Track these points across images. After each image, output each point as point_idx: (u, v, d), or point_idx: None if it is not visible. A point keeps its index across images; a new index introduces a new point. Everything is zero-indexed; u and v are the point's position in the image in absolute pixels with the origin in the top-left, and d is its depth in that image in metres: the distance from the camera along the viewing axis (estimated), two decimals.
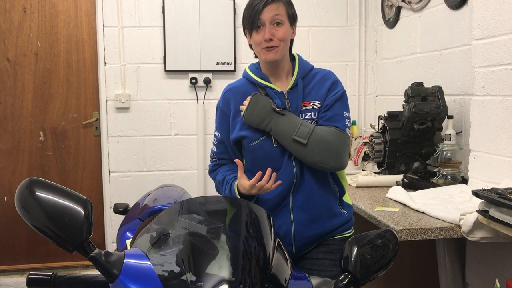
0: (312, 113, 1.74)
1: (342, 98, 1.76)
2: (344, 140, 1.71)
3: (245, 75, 1.83)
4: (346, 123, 1.75)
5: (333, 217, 1.78)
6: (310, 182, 1.73)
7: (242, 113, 1.74)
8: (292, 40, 1.81)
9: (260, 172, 1.62)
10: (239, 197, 1.69)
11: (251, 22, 1.70)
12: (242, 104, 1.75)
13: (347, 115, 1.76)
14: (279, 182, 1.66)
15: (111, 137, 3.62)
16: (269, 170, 1.63)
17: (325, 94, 1.75)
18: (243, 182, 1.66)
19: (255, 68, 1.81)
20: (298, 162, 1.72)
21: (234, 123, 1.79)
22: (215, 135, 1.86)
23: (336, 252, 1.76)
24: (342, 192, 1.83)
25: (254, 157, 1.76)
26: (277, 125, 1.69)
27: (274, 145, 1.73)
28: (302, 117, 1.74)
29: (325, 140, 1.67)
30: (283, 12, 1.71)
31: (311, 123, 1.73)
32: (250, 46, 1.81)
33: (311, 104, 1.75)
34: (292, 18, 1.76)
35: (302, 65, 1.81)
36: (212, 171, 1.90)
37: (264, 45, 1.69)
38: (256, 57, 1.82)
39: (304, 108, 1.74)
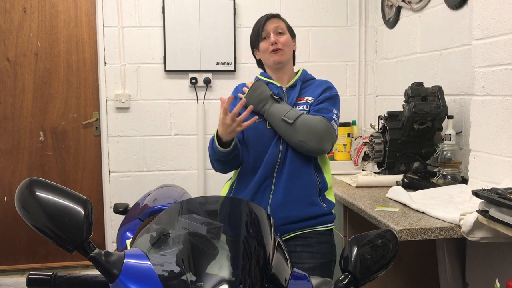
0: (305, 105, 1.96)
1: (333, 98, 1.98)
2: (327, 127, 1.89)
3: (255, 78, 2.06)
4: (333, 117, 1.94)
5: (310, 205, 1.91)
6: (292, 166, 1.90)
7: (243, 96, 1.96)
8: (294, 53, 2.09)
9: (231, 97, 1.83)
10: (216, 140, 1.84)
11: (257, 34, 2.01)
12: (243, 89, 2.00)
13: (336, 112, 1.96)
14: (255, 117, 1.85)
15: (111, 137, 3.62)
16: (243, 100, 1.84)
17: (319, 94, 1.98)
18: (221, 115, 1.80)
19: (264, 73, 2.09)
20: (285, 146, 1.91)
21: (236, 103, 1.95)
22: None
23: (314, 245, 1.90)
24: (325, 186, 1.97)
25: (247, 136, 1.95)
26: (271, 108, 1.91)
27: (268, 127, 1.93)
28: (296, 108, 1.94)
29: (309, 123, 1.87)
30: (283, 25, 2.03)
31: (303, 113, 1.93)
32: (258, 62, 2.13)
33: (305, 99, 1.98)
34: (292, 33, 2.06)
35: (304, 73, 2.08)
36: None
37: (270, 49, 1.97)
38: (259, 66, 2.13)
39: (298, 102, 1.97)
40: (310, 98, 1.97)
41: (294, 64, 2.10)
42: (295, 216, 1.89)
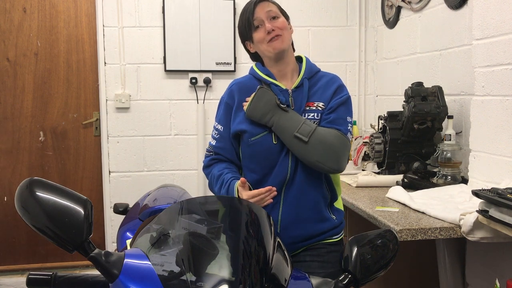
0: (316, 113, 1.74)
1: (346, 103, 1.77)
2: (344, 143, 1.71)
3: (251, 72, 1.84)
4: (349, 127, 1.75)
5: (321, 221, 1.76)
6: (301, 182, 1.73)
7: (245, 107, 1.74)
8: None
9: (266, 188, 1.63)
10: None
11: (248, 24, 1.75)
12: (247, 98, 1.75)
13: (350, 120, 1.77)
14: (274, 193, 1.65)
15: (111, 137, 3.62)
16: (270, 187, 1.64)
17: (330, 97, 1.76)
18: (243, 192, 1.65)
19: (262, 66, 1.83)
20: (294, 161, 1.72)
21: (235, 115, 1.79)
22: (216, 128, 1.84)
23: (324, 255, 1.77)
24: (334, 197, 1.83)
25: (252, 153, 1.75)
26: (280, 120, 1.69)
27: (274, 142, 1.72)
28: (305, 116, 1.74)
29: (326, 141, 1.67)
30: (274, 8, 1.76)
31: (314, 123, 1.72)
32: (252, 56, 1.86)
33: (315, 104, 1.75)
34: (286, 15, 1.80)
35: (309, 66, 1.82)
36: (208, 166, 1.85)
37: (267, 38, 1.72)
38: (254, 60, 1.87)
39: (307, 108, 1.75)
40: (321, 104, 1.75)
41: (294, 50, 1.85)
42: (305, 235, 1.75)
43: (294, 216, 1.73)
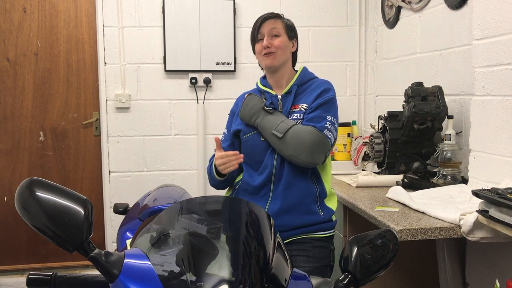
0: (299, 114, 1.94)
1: (328, 103, 1.93)
2: (318, 138, 1.85)
3: (256, 85, 2.08)
4: (326, 125, 1.89)
5: (306, 213, 1.91)
6: (288, 175, 1.90)
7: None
8: (295, 54, 2.06)
9: (233, 152, 1.88)
10: (214, 171, 1.96)
11: (253, 36, 2.00)
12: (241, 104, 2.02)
13: (330, 119, 1.91)
14: (241, 160, 1.87)
15: (111, 137, 3.62)
16: (237, 152, 1.89)
17: (314, 99, 1.94)
18: (217, 151, 1.93)
19: (263, 79, 2.08)
20: (279, 157, 1.91)
21: (236, 118, 2.06)
22: (224, 133, 2.11)
23: (309, 249, 1.90)
24: (323, 194, 1.96)
25: (245, 148, 1.99)
26: (262, 121, 1.92)
27: (262, 139, 1.95)
28: (290, 117, 1.94)
29: (299, 136, 1.85)
30: (280, 26, 1.97)
31: (297, 123, 1.91)
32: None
33: (299, 106, 1.96)
34: (290, 34, 2.00)
35: (302, 75, 2.02)
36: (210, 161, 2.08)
37: (263, 52, 1.95)
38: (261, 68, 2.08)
39: (293, 110, 1.96)
40: (304, 106, 1.94)
41: (295, 65, 2.07)
42: (290, 224, 1.89)
43: (280, 206, 1.90)
